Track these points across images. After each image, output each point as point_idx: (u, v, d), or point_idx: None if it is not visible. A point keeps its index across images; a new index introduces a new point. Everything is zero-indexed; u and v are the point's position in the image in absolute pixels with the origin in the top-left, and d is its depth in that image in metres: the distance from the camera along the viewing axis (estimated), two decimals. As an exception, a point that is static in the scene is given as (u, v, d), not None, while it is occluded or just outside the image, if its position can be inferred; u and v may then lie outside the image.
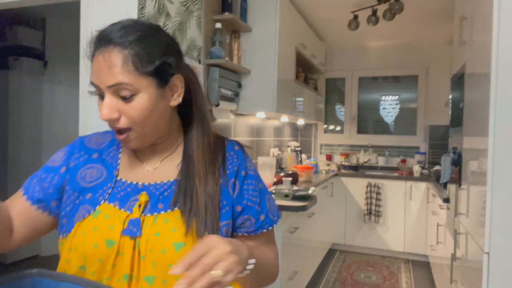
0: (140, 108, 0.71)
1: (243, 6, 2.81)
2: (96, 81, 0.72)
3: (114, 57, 0.70)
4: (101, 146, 0.87)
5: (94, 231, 0.73)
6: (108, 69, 0.70)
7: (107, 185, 0.79)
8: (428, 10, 3.45)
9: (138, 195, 0.77)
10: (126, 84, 0.70)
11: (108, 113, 0.71)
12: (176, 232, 0.73)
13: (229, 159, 0.84)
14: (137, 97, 0.71)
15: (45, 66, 3.83)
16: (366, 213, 4.08)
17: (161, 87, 0.74)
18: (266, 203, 0.85)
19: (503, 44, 1.38)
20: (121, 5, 1.84)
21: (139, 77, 0.70)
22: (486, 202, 1.40)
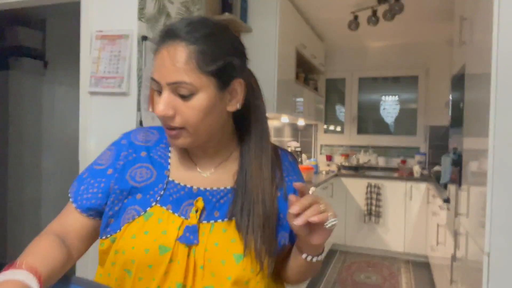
0: (196, 108, 0.69)
1: (243, 6, 2.81)
2: (157, 77, 0.69)
3: (179, 52, 0.67)
4: (148, 143, 0.82)
5: (145, 235, 0.69)
6: (171, 65, 0.67)
7: (158, 186, 0.75)
8: (428, 10, 3.45)
9: (193, 200, 0.74)
10: (187, 83, 0.67)
11: (164, 109, 0.69)
12: (235, 243, 0.70)
13: (285, 170, 0.82)
14: (196, 97, 0.68)
15: (45, 67, 3.83)
16: (366, 214, 4.07)
17: (221, 89, 0.71)
18: None
19: (503, 44, 1.37)
20: (121, 5, 1.84)
21: (200, 76, 0.67)
22: (486, 202, 1.39)
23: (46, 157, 3.85)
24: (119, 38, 1.81)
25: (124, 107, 1.83)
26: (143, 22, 1.85)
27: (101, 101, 1.87)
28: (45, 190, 3.84)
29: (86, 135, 1.89)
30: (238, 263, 0.69)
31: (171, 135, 0.73)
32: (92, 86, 1.84)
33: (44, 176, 3.84)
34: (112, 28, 1.84)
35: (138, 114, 1.82)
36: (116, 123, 1.85)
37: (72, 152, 2.31)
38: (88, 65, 1.85)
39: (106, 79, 1.82)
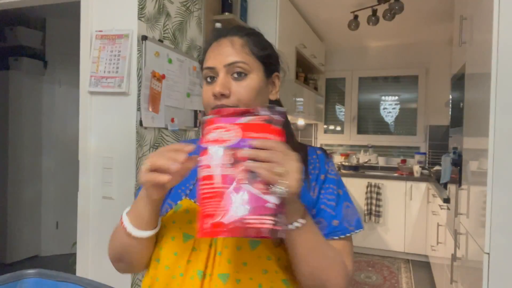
0: (249, 87, 0.77)
1: (243, 6, 2.81)
2: (213, 63, 0.78)
3: (235, 40, 0.79)
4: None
5: (173, 224, 0.76)
6: (231, 49, 0.78)
7: (190, 182, 0.82)
8: (428, 10, 3.45)
9: None
10: (243, 62, 0.77)
11: (221, 88, 0.75)
12: None
13: (311, 163, 0.83)
14: (248, 77, 0.77)
15: (45, 66, 3.83)
16: (366, 213, 4.07)
17: (266, 76, 0.82)
18: (343, 209, 0.79)
19: (503, 44, 1.37)
20: (121, 5, 1.84)
21: (253, 59, 0.79)
22: (486, 202, 1.39)
23: (46, 157, 3.85)
24: (119, 38, 1.81)
25: (124, 107, 1.83)
26: (143, 21, 1.85)
27: (101, 101, 1.87)
28: (45, 190, 3.84)
29: (86, 135, 1.89)
30: (253, 250, 0.70)
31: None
32: (92, 86, 1.84)
33: (44, 176, 3.84)
34: (112, 28, 1.84)
35: (138, 114, 1.82)
36: (116, 123, 1.85)
37: (72, 152, 2.31)
38: (88, 65, 1.85)
39: (106, 79, 1.82)
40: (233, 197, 0.56)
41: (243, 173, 0.57)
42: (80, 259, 1.90)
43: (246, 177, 0.57)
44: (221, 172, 0.57)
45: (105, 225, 1.86)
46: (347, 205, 0.81)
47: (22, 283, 0.67)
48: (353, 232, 0.79)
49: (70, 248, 2.46)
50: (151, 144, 1.92)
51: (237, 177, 0.57)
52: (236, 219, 0.55)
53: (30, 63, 3.71)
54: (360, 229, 0.82)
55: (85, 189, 1.89)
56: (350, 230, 0.79)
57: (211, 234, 0.56)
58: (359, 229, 0.81)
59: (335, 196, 0.80)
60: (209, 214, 0.56)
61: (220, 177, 0.57)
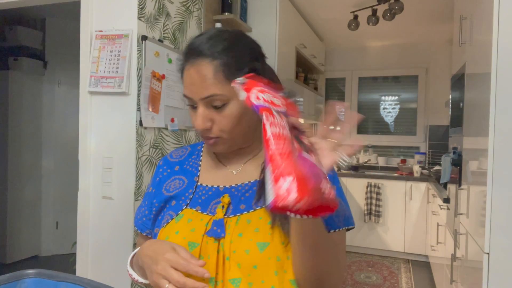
0: (231, 116, 0.74)
1: (243, 6, 2.81)
2: (189, 94, 0.75)
3: (205, 69, 0.72)
4: (181, 158, 0.90)
5: (176, 235, 0.75)
6: (200, 82, 0.72)
7: (188, 192, 0.82)
8: (428, 10, 3.45)
9: (220, 197, 0.78)
10: (219, 95, 0.72)
11: (202, 124, 0.74)
12: (259, 232, 0.72)
13: None
14: (229, 106, 0.73)
15: (45, 66, 3.83)
16: (366, 213, 4.07)
17: None
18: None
19: (503, 44, 1.37)
20: (121, 5, 1.84)
21: (229, 86, 0.71)
22: (486, 202, 1.39)
23: (46, 157, 3.85)
24: (119, 38, 1.81)
25: (124, 106, 1.83)
26: (143, 21, 1.85)
27: (101, 101, 1.87)
28: (45, 190, 3.84)
29: (86, 135, 1.89)
30: (262, 252, 0.69)
31: (209, 144, 0.78)
32: (92, 86, 1.84)
33: (44, 176, 3.84)
34: (112, 28, 1.84)
35: (138, 114, 1.82)
36: (116, 123, 1.85)
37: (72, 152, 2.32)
38: (88, 65, 1.85)
39: (106, 79, 1.82)
40: (304, 162, 0.53)
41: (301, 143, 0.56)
42: (80, 259, 1.90)
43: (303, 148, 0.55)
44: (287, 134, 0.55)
45: (105, 225, 1.86)
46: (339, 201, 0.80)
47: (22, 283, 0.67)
48: (341, 228, 0.77)
49: (70, 248, 2.47)
50: (151, 144, 1.92)
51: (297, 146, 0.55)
52: (314, 186, 0.50)
53: (30, 63, 3.71)
54: (348, 226, 0.79)
55: (85, 189, 1.89)
56: (338, 225, 0.77)
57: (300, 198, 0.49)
58: (348, 226, 0.79)
59: None
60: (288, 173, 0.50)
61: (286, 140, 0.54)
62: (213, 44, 0.73)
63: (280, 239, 0.71)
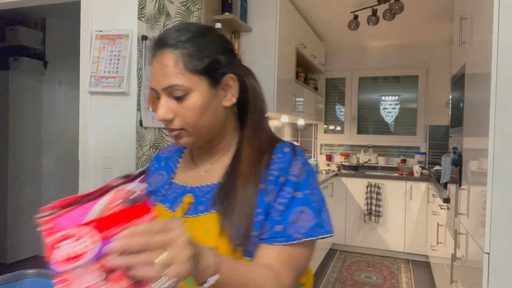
0: (192, 107, 0.72)
1: (243, 6, 2.81)
2: (153, 85, 0.75)
3: (166, 58, 0.72)
4: (169, 154, 0.93)
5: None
6: (161, 71, 0.72)
7: (164, 188, 0.84)
8: (428, 10, 3.45)
9: (184, 196, 0.79)
10: (178, 85, 0.71)
11: (164, 114, 0.73)
12: (209, 236, 0.71)
13: (275, 162, 0.76)
14: (190, 97, 0.72)
15: (45, 66, 3.83)
16: (366, 213, 4.07)
17: (213, 86, 0.74)
18: (293, 214, 0.72)
19: (503, 44, 1.37)
20: (121, 5, 1.84)
21: (190, 76, 0.71)
22: (486, 202, 1.39)
23: (46, 157, 3.85)
24: (119, 38, 1.81)
25: (124, 106, 1.83)
26: (143, 21, 1.85)
27: (101, 100, 1.87)
28: (45, 190, 3.84)
29: (86, 134, 1.89)
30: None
31: (173, 136, 0.77)
32: (92, 86, 1.84)
33: (44, 176, 3.84)
34: (112, 28, 1.84)
35: (138, 114, 1.82)
36: (116, 123, 1.85)
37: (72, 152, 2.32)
38: (88, 65, 1.85)
39: (106, 79, 1.82)
40: None
41: (125, 282, 0.46)
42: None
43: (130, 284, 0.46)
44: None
45: (105, 225, 1.86)
46: (301, 210, 0.72)
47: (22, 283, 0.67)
48: (300, 240, 0.70)
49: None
50: (151, 144, 1.92)
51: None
52: None
53: (30, 63, 3.71)
54: (311, 237, 0.71)
55: (85, 189, 1.89)
56: (295, 237, 0.70)
57: None
58: (311, 237, 0.71)
59: (287, 200, 0.73)
60: None
61: None
62: (178, 34, 0.73)
63: (228, 246, 0.69)
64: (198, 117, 0.73)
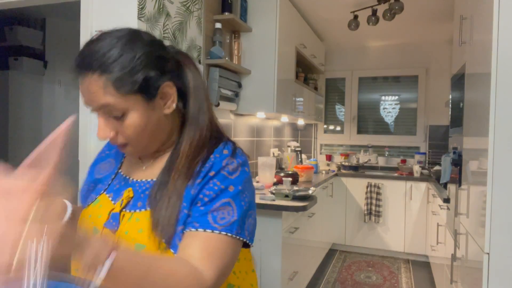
0: (132, 125, 0.71)
1: (243, 6, 2.81)
2: (86, 103, 0.72)
3: (93, 83, 0.68)
4: None
5: (89, 218, 0.78)
6: (92, 94, 0.68)
7: (111, 177, 0.85)
8: (428, 10, 3.45)
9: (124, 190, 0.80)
10: (112, 105, 0.68)
11: (103, 133, 0.72)
12: (142, 233, 0.71)
13: (210, 161, 0.75)
14: (128, 116, 0.70)
15: (45, 66, 3.83)
16: (366, 213, 4.07)
17: (150, 100, 0.72)
18: (217, 204, 0.71)
19: (503, 44, 1.37)
20: (121, 5, 1.84)
21: (124, 98, 0.69)
22: (486, 202, 1.39)
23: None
24: (119, 38, 1.81)
25: (124, 107, 1.83)
26: (143, 21, 1.85)
27: (101, 101, 1.87)
28: (45, 190, 3.83)
29: (86, 135, 1.89)
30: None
31: (120, 149, 0.78)
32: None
33: (44, 176, 3.84)
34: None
35: (138, 114, 1.81)
36: (116, 123, 1.85)
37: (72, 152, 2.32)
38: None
39: (106, 79, 1.81)
40: None
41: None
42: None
43: None
44: None
45: (105, 225, 1.86)
46: (227, 202, 0.71)
47: (22, 283, 0.67)
48: (217, 230, 0.68)
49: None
50: (151, 144, 1.92)
51: None
52: None
53: (30, 63, 3.71)
54: (230, 233, 0.69)
55: (85, 189, 1.89)
56: (213, 227, 0.68)
57: None
58: (229, 232, 0.69)
59: (213, 192, 0.71)
60: None
61: None
62: (102, 55, 0.68)
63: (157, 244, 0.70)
64: (140, 133, 0.72)
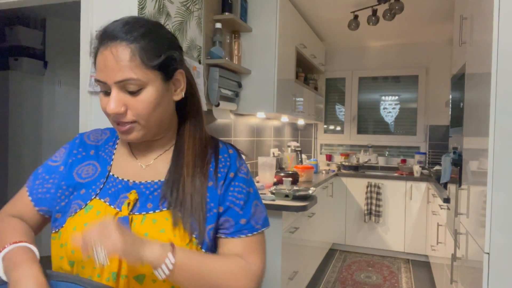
0: (146, 101, 0.72)
1: (243, 6, 2.81)
2: (103, 77, 0.71)
3: (121, 51, 0.70)
4: (98, 142, 0.88)
5: (85, 227, 0.73)
6: (116, 64, 0.70)
7: (100, 181, 0.80)
8: (428, 10, 3.45)
9: (128, 192, 0.77)
10: (134, 79, 0.70)
11: (115, 107, 0.71)
12: (164, 233, 0.72)
13: (222, 161, 0.82)
14: (144, 91, 0.72)
15: (45, 66, 3.83)
16: (366, 213, 4.08)
17: (166, 81, 0.75)
18: (252, 208, 0.80)
19: (503, 44, 1.37)
20: (121, 5, 1.84)
21: (146, 71, 0.71)
22: (486, 202, 1.39)
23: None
24: (119, 38, 1.81)
25: (124, 107, 1.83)
26: (143, 22, 1.85)
27: (101, 101, 1.87)
28: (45, 190, 3.83)
29: (86, 135, 1.89)
30: None
31: (123, 131, 0.76)
32: (92, 86, 1.84)
33: (44, 176, 3.84)
34: (112, 28, 1.84)
35: (138, 114, 1.81)
36: (116, 123, 1.85)
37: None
38: (88, 65, 1.85)
39: (106, 79, 1.81)
40: None
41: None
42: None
43: None
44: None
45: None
46: (256, 203, 0.82)
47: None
48: (260, 230, 0.81)
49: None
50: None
51: None
52: None
53: (30, 63, 3.71)
54: (266, 227, 0.82)
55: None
56: (257, 228, 0.80)
57: None
58: (266, 227, 0.82)
59: (243, 195, 0.80)
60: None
61: None
62: (130, 28, 0.71)
63: (184, 241, 0.72)
64: (152, 111, 0.73)
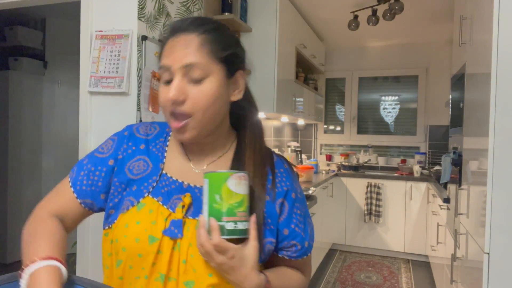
0: (207, 92, 0.71)
1: (243, 6, 2.81)
2: (169, 62, 0.72)
3: (191, 39, 0.71)
4: (148, 136, 0.84)
5: (137, 225, 0.71)
6: (184, 49, 0.71)
7: (152, 178, 0.77)
8: (428, 10, 3.45)
9: (182, 195, 0.75)
10: (201, 64, 0.70)
11: (176, 94, 0.69)
12: None
13: (278, 176, 0.80)
14: (207, 81, 0.71)
15: (45, 66, 3.83)
16: (366, 213, 4.07)
17: (228, 77, 0.75)
18: (309, 229, 0.82)
19: (503, 44, 1.37)
20: (121, 5, 1.84)
21: (212, 61, 0.71)
22: (486, 202, 1.39)
23: (46, 157, 3.85)
24: (119, 38, 1.81)
25: (124, 107, 1.83)
26: (143, 22, 1.85)
27: (101, 101, 1.87)
28: (45, 190, 3.83)
29: (86, 135, 1.89)
30: None
31: (177, 128, 0.73)
32: (92, 86, 1.84)
33: (44, 176, 3.84)
34: (112, 28, 1.84)
35: (138, 114, 1.82)
36: (116, 123, 1.85)
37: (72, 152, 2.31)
38: (88, 65, 1.85)
39: (106, 79, 1.82)
40: None
41: None
42: (80, 259, 1.90)
43: None
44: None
45: (105, 225, 1.86)
46: (309, 222, 0.84)
47: (22, 283, 0.67)
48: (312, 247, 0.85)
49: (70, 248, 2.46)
50: (151, 144, 1.92)
51: None
52: None
53: (30, 63, 3.71)
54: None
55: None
56: (312, 245, 0.84)
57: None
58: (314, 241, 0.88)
59: (303, 218, 0.81)
60: None
61: None
62: (200, 23, 0.74)
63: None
64: (210, 104, 0.71)
